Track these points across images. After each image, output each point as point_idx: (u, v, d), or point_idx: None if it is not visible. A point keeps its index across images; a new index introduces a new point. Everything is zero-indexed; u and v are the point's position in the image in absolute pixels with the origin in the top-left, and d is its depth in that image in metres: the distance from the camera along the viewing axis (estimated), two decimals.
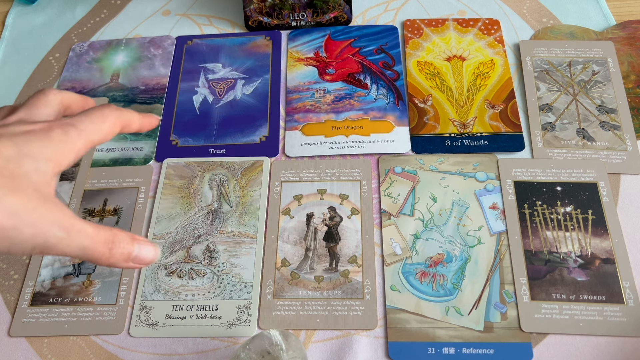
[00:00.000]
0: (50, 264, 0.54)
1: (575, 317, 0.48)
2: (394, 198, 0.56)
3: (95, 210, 0.57)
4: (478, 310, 0.49)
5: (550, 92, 0.62)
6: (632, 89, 0.62)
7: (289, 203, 0.56)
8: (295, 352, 0.42)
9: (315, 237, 0.54)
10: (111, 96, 0.66)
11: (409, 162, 0.58)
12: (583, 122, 0.60)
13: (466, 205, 0.55)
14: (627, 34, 0.67)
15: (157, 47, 0.70)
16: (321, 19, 0.70)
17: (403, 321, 0.49)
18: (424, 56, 0.66)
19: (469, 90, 0.63)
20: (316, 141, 0.60)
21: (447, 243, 0.53)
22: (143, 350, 0.49)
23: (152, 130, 0.62)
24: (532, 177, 0.56)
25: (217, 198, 0.57)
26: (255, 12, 0.69)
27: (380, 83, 0.65)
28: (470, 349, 0.47)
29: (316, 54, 0.68)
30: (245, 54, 0.69)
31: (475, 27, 0.69)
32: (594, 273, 0.50)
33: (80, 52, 0.70)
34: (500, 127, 0.60)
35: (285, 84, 0.66)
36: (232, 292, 0.51)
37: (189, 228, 0.55)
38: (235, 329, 0.49)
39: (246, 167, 0.59)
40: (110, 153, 0.61)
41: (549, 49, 0.65)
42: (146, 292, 0.52)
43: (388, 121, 0.61)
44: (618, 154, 0.57)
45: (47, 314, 0.51)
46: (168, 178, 0.59)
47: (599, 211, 0.54)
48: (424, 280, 0.51)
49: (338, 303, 0.50)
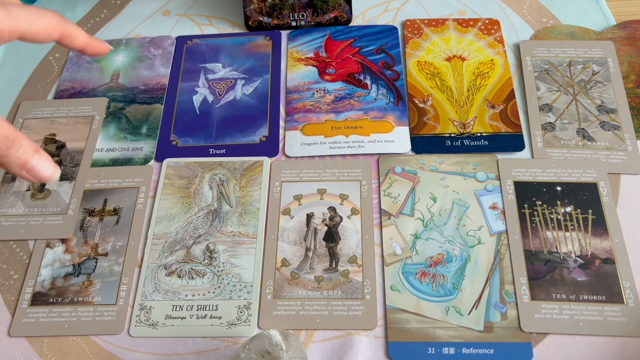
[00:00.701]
0: (50, 264, 0.54)
1: (575, 317, 0.48)
2: (394, 198, 0.56)
3: (95, 210, 0.57)
4: (478, 310, 0.49)
5: (550, 92, 0.62)
6: (632, 89, 0.62)
7: (289, 203, 0.56)
8: (295, 352, 0.42)
9: (315, 237, 0.54)
10: (111, 96, 0.66)
11: (409, 162, 0.58)
12: (583, 122, 0.60)
13: (466, 205, 0.55)
14: (627, 34, 0.67)
15: (157, 47, 0.70)
16: (321, 19, 0.70)
17: (403, 321, 0.49)
18: (424, 56, 0.66)
19: (469, 90, 0.63)
20: (316, 141, 0.60)
21: (447, 243, 0.53)
22: (143, 350, 0.49)
23: (152, 130, 0.62)
24: (532, 177, 0.56)
25: (217, 198, 0.57)
26: (255, 12, 0.69)
27: (380, 83, 0.65)
28: (470, 349, 0.47)
29: (316, 54, 0.68)
30: (245, 54, 0.69)
31: (475, 27, 0.69)
32: (594, 273, 0.50)
33: None
34: (500, 127, 0.60)
35: (285, 84, 0.66)
36: (232, 292, 0.51)
37: (189, 228, 0.55)
38: (235, 329, 0.49)
39: (246, 167, 0.59)
40: (110, 153, 0.61)
41: (549, 49, 0.65)
42: (146, 292, 0.52)
43: (388, 121, 0.61)
44: (618, 154, 0.57)
45: (47, 314, 0.51)
46: (168, 178, 0.59)
47: (599, 211, 0.54)
48: (424, 280, 0.51)
49: (338, 303, 0.50)
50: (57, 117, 0.64)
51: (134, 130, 0.62)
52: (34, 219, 0.56)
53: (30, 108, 0.65)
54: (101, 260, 0.54)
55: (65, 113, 0.64)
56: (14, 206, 0.57)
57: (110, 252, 0.54)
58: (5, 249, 0.55)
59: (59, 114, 0.64)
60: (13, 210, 0.57)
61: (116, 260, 0.54)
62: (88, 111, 0.64)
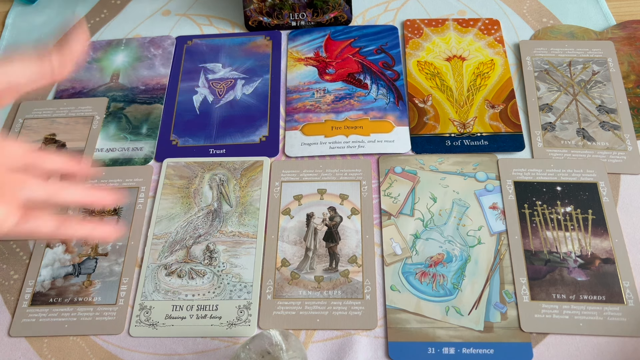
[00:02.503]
0: (50, 264, 0.54)
1: (575, 317, 0.48)
2: (394, 198, 0.56)
3: (95, 210, 0.57)
4: (478, 310, 0.49)
5: (550, 92, 0.62)
6: (632, 89, 0.62)
7: (289, 203, 0.56)
8: (295, 352, 0.42)
9: (315, 237, 0.54)
10: (111, 96, 0.66)
11: (409, 162, 0.58)
12: (583, 122, 0.60)
13: (466, 205, 0.55)
14: (627, 34, 0.67)
15: (157, 47, 0.70)
16: (321, 19, 0.70)
17: (403, 321, 0.49)
18: (424, 56, 0.66)
19: (469, 90, 0.63)
20: (316, 141, 0.60)
21: (447, 243, 0.53)
22: (143, 350, 0.49)
23: (152, 130, 0.62)
24: (532, 177, 0.56)
25: (217, 198, 0.57)
26: (255, 12, 0.69)
27: (380, 83, 0.65)
28: (470, 349, 0.47)
29: (316, 54, 0.68)
30: (245, 54, 0.69)
31: (475, 27, 0.69)
32: (594, 273, 0.50)
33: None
34: (500, 127, 0.60)
35: (285, 84, 0.66)
36: (232, 292, 0.51)
37: (189, 228, 0.55)
38: (235, 329, 0.49)
39: (246, 167, 0.59)
40: (110, 153, 0.61)
41: (549, 49, 0.65)
42: (146, 292, 0.52)
43: (388, 121, 0.61)
44: (618, 154, 0.57)
45: (47, 314, 0.51)
46: (168, 178, 0.59)
47: (599, 211, 0.54)
48: (424, 280, 0.51)
49: (338, 303, 0.50)
50: (57, 117, 0.64)
51: (134, 130, 0.62)
52: None
53: (30, 108, 0.65)
54: (101, 260, 0.54)
55: (65, 113, 0.64)
56: None
57: (110, 252, 0.54)
58: (5, 249, 0.55)
59: (59, 114, 0.64)
60: None
61: (116, 260, 0.54)
62: (88, 111, 0.64)
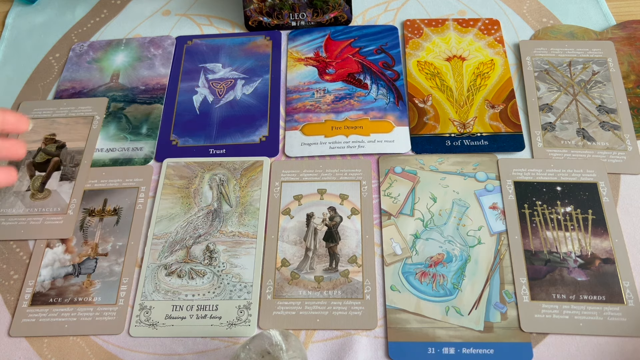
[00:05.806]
0: (50, 264, 0.54)
1: (575, 317, 0.48)
2: (394, 198, 0.56)
3: (95, 210, 0.57)
4: (478, 310, 0.49)
5: (550, 92, 0.62)
6: (632, 89, 0.62)
7: (289, 203, 0.56)
8: (295, 352, 0.42)
9: (315, 237, 0.54)
10: (111, 96, 0.66)
11: (409, 162, 0.58)
12: (583, 122, 0.60)
13: (466, 205, 0.55)
14: (627, 34, 0.67)
15: (157, 47, 0.70)
16: (321, 19, 0.70)
17: (403, 321, 0.49)
18: (424, 56, 0.66)
19: (469, 90, 0.63)
20: (316, 141, 0.60)
21: (447, 243, 0.53)
22: (143, 350, 0.49)
23: (152, 130, 0.62)
24: (532, 177, 0.56)
25: (217, 198, 0.57)
26: (255, 12, 0.69)
27: (380, 83, 0.65)
28: (470, 349, 0.47)
29: (316, 54, 0.68)
30: (245, 54, 0.69)
31: (475, 27, 0.69)
32: (594, 273, 0.50)
33: (80, 52, 0.70)
34: (500, 127, 0.60)
35: (285, 84, 0.66)
36: (232, 292, 0.51)
37: (189, 228, 0.55)
38: (235, 329, 0.49)
39: (246, 167, 0.59)
40: (110, 153, 0.61)
41: (549, 49, 0.65)
42: (146, 292, 0.52)
43: (388, 121, 0.61)
44: (618, 154, 0.57)
45: (47, 314, 0.51)
46: (168, 178, 0.59)
47: (599, 211, 0.54)
48: (424, 280, 0.51)
49: (338, 303, 0.50)
50: (57, 117, 0.64)
51: (134, 130, 0.62)
52: (34, 219, 0.56)
53: (30, 108, 0.65)
54: (101, 260, 0.54)
55: (65, 113, 0.64)
56: (14, 206, 0.57)
57: (110, 252, 0.54)
58: (5, 249, 0.55)
59: (59, 114, 0.64)
60: (13, 210, 0.57)
61: (116, 260, 0.54)
62: (88, 111, 0.64)
